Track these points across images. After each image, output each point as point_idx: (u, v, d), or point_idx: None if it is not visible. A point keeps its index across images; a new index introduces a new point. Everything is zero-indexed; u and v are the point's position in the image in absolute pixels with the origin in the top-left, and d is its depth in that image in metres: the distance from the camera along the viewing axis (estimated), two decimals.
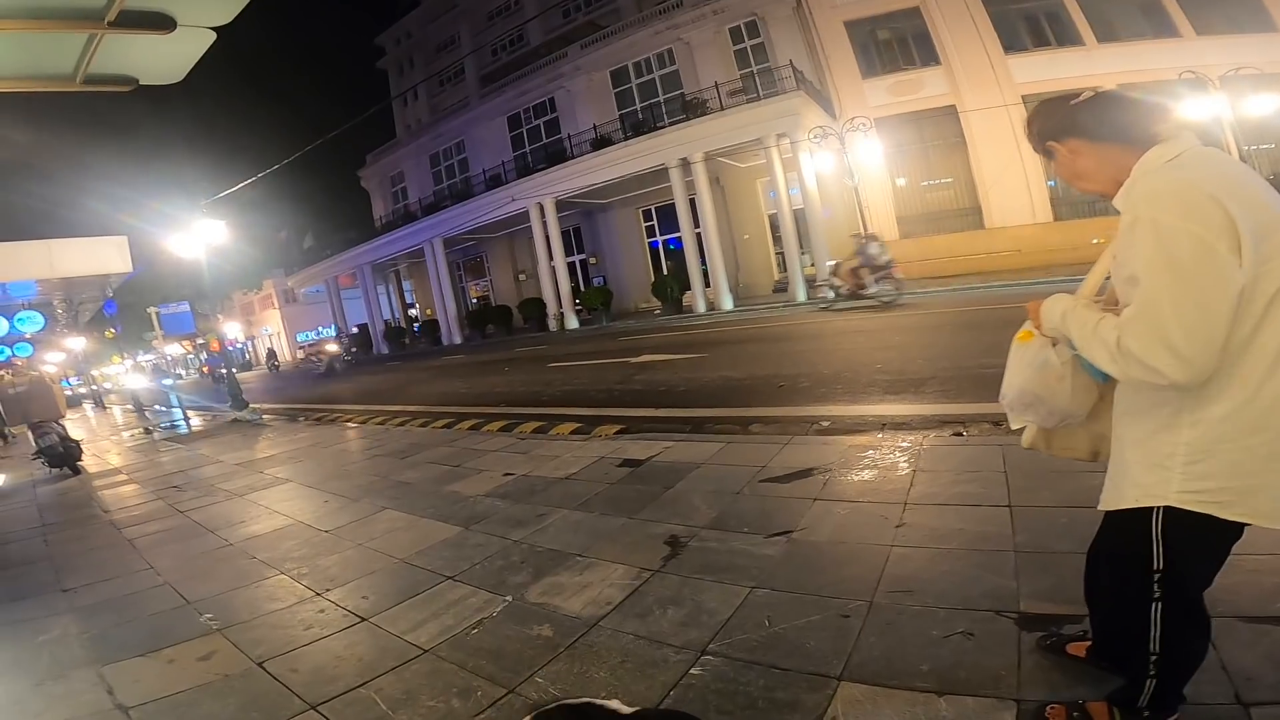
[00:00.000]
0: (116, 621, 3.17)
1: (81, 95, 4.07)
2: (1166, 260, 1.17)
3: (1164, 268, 1.17)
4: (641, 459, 4.65)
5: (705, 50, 22.27)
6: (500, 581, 2.99)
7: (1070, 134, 1.43)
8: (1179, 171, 1.25)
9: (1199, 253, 1.15)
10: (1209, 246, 1.15)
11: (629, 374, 9.44)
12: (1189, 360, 1.16)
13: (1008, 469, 3.29)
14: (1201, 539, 1.33)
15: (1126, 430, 1.43)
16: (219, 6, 3.50)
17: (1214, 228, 1.16)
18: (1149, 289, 1.19)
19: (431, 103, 34.45)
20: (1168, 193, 1.22)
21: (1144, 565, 1.39)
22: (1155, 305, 1.18)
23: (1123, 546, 1.46)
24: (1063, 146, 1.44)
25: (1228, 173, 1.24)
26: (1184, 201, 1.19)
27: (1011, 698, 1.72)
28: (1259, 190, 1.22)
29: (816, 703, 1.83)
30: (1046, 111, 1.48)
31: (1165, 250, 1.17)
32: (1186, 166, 1.26)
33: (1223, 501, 1.27)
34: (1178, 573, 1.37)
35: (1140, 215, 1.23)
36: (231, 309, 45.83)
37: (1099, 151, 1.39)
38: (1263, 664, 1.67)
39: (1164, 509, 1.34)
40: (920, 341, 8.45)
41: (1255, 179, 1.26)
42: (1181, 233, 1.16)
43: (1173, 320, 1.16)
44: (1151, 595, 1.39)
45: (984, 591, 2.23)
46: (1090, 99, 1.40)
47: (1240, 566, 2.07)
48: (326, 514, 4.58)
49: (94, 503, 6.33)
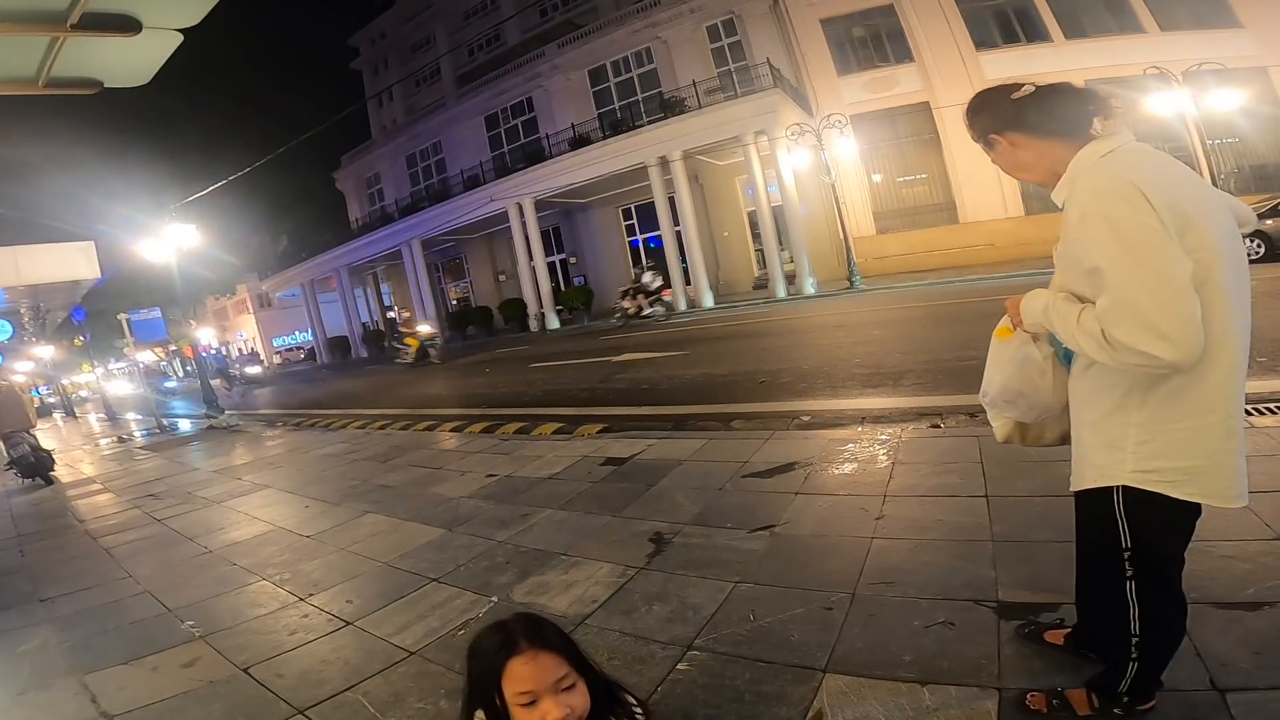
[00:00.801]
0: (97, 630, 3.12)
1: (44, 97, 3.98)
2: (1125, 250, 1.21)
3: (1126, 257, 1.21)
4: (624, 457, 4.66)
5: (683, 49, 22.31)
6: (485, 582, 2.98)
7: (1011, 128, 1.45)
8: (1116, 167, 1.30)
9: (1154, 239, 1.20)
10: (1159, 232, 1.20)
11: (611, 373, 9.44)
12: (1177, 340, 1.19)
13: (984, 459, 3.35)
14: (1162, 517, 1.37)
15: (1082, 413, 1.48)
16: (186, 8, 3.43)
17: (1156, 216, 1.21)
18: (1119, 280, 1.22)
19: (407, 103, 34.15)
20: (1111, 187, 1.26)
21: (1113, 544, 1.44)
22: (1130, 294, 1.21)
23: (1093, 527, 1.51)
24: (1003, 139, 1.47)
25: (1155, 169, 1.29)
26: (1126, 195, 1.24)
27: (993, 686, 1.75)
28: (1184, 185, 1.28)
29: (802, 695, 1.85)
30: (987, 104, 1.49)
31: (1123, 241, 1.22)
32: (1120, 163, 1.31)
33: (1174, 481, 1.32)
34: (1145, 550, 1.41)
35: (1089, 210, 1.27)
36: (205, 314, 45.07)
37: (1038, 145, 1.43)
38: (1237, 649, 1.71)
39: (1122, 489, 1.39)
40: (898, 335, 8.55)
41: (1182, 175, 1.31)
42: (1134, 223, 1.21)
43: (1150, 305, 1.19)
44: (1124, 574, 1.44)
45: (963, 581, 2.27)
46: (1032, 94, 1.41)
47: (1213, 553, 2.14)
48: (307, 519, 4.54)
49: (69, 512, 6.21)
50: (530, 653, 1.13)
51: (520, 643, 1.14)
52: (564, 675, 1.14)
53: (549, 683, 1.12)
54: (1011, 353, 1.56)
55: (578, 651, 1.21)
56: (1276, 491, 2.52)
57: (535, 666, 1.12)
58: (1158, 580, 1.44)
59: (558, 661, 1.15)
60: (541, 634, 1.18)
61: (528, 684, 1.12)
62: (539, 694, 1.11)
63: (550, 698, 1.12)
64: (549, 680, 1.12)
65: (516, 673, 1.12)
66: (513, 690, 1.12)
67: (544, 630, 1.20)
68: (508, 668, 1.13)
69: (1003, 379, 1.58)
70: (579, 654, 1.21)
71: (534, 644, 1.15)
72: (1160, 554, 1.43)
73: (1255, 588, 1.95)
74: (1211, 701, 1.56)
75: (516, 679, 1.12)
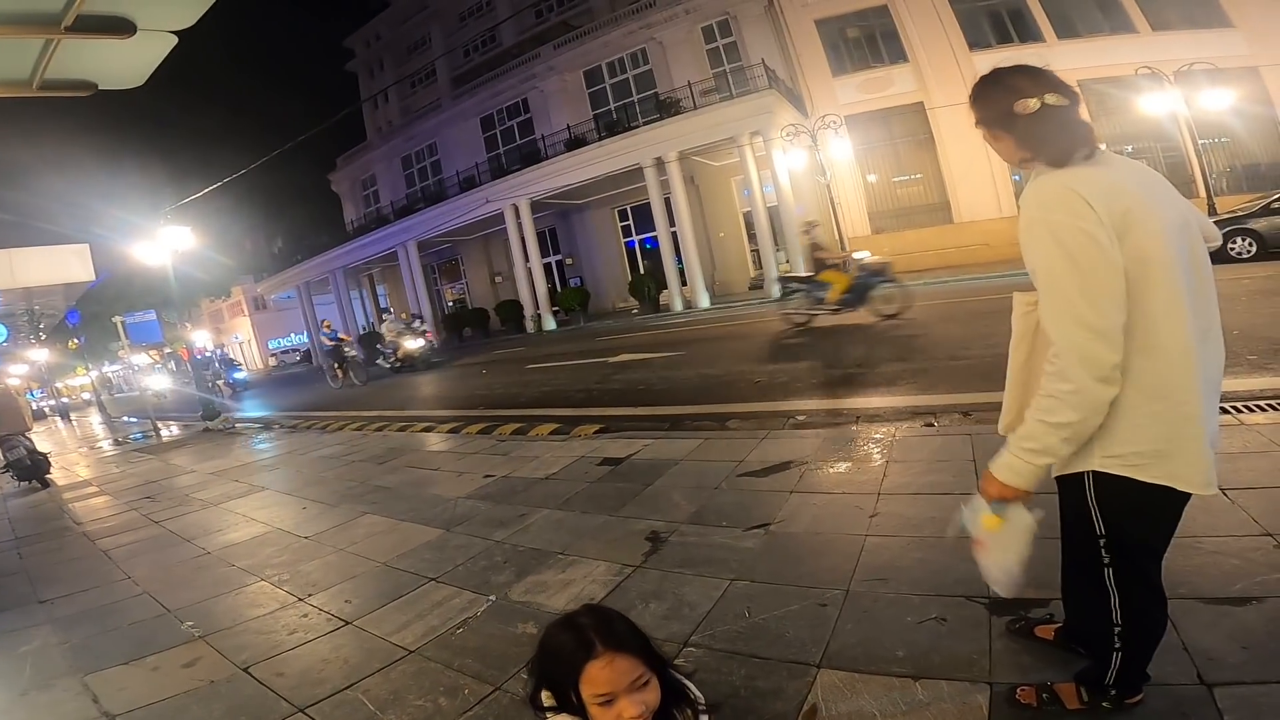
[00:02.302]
0: (97, 631, 3.14)
1: (39, 99, 3.98)
2: (1064, 253, 1.29)
3: (1063, 260, 1.30)
4: (621, 457, 4.68)
5: (678, 49, 22.34)
6: (483, 581, 3.00)
7: (1003, 131, 1.47)
8: (1063, 175, 1.36)
9: (1088, 243, 1.28)
10: (1093, 237, 1.28)
11: (607, 374, 9.46)
12: (1106, 334, 1.27)
13: (977, 458, 3.38)
14: (1133, 502, 1.40)
15: None
16: (180, 10, 3.43)
17: (1093, 221, 1.28)
18: (1054, 282, 1.32)
19: (403, 105, 34.10)
20: (1053, 195, 1.33)
21: (1088, 531, 1.47)
22: (1064, 294, 1.30)
23: (1070, 515, 1.54)
24: (989, 133, 1.50)
25: (1103, 174, 1.34)
26: (1067, 202, 1.31)
27: (984, 680, 1.78)
28: (1134, 190, 1.33)
29: (797, 690, 1.88)
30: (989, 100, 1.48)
31: (1062, 245, 1.30)
32: (1070, 171, 1.36)
33: (1138, 465, 1.36)
34: (1120, 537, 1.45)
35: (1034, 217, 1.36)
36: (200, 317, 44.96)
37: (1019, 149, 1.46)
38: (1224, 644, 1.73)
39: (1092, 474, 1.43)
40: (891, 336, 8.58)
41: (1135, 180, 1.36)
42: (1072, 229, 1.29)
43: (1082, 303, 1.28)
44: (1102, 561, 1.47)
45: (956, 578, 2.30)
46: (1035, 114, 1.40)
47: (1201, 548, 2.17)
48: (305, 520, 4.55)
49: (66, 515, 6.20)
50: (607, 656, 1.14)
51: (596, 645, 1.14)
52: (640, 675, 1.15)
53: (626, 684, 1.13)
54: (1015, 532, 1.50)
55: (649, 646, 1.22)
56: (1266, 488, 2.55)
57: (612, 670, 1.13)
58: (1134, 568, 1.46)
59: (634, 663, 1.15)
60: (615, 633, 1.18)
61: (606, 686, 1.12)
62: (617, 694, 1.12)
63: (626, 697, 1.12)
64: (626, 681, 1.13)
65: (594, 676, 1.13)
66: (591, 692, 1.13)
67: (616, 628, 1.20)
68: (585, 670, 1.13)
69: (1018, 555, 1.52)
70: (650, 649, 1.22)
71: (610, 645, 1.15)
72: (1134, 540, 1.45)
73: (1243, 583, 1.98)
74: (1199, 696, 1.58)
75: (594, 682, 1.13)
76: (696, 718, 1.30)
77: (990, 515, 1.52)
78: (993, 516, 1.52)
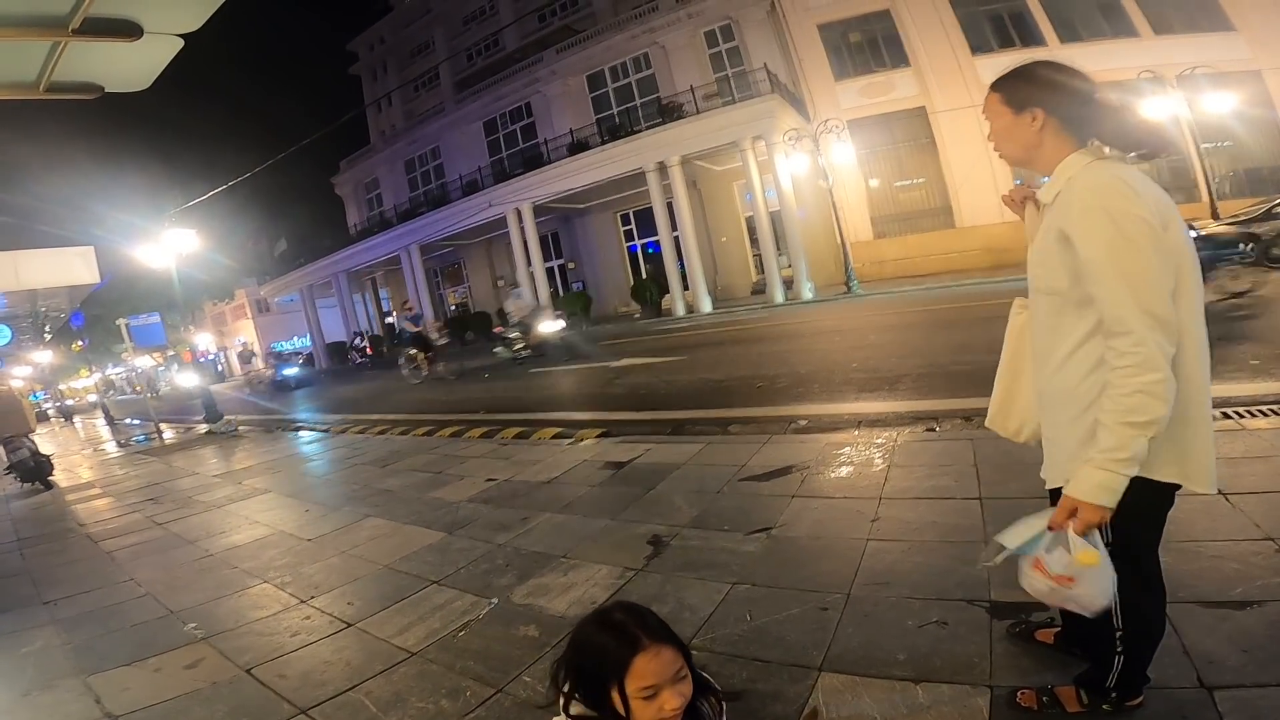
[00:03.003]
0: (100, 632, 3.15)
1: (44, 102, 4.00)
2: (1127, 240, 1.28)
3: (1127, 246, 1.28)
4: (623, 461, 4.69)
5: (681, 54, 22.40)
6: (486, 584, 3.01)
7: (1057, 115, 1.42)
8: (1112, 168, 1.36)
9: (1149, 231, 1.28)
10: (1151, 225, 1.28)
11: (610, 378, 9.47)
12: (1168, 325, 1.26)
13: (978, 462, 3.38)
14: (1143, 503, 1.39)
15: (1060, 411, 1.50)
16: (187, 13, 3.45)
17: (1149, 210, 1.29)
18: (1121, 268, 1.28)
19: (406, 108, 34.21)
20: (1110, 185, 1.32)
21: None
22: (1131, 281, 1.27)
23: None
24: (1038, 117, 1.43)
25: (1140, 175, 1.36)
26: (1124, 191, 1.30)
27: (985, 684, 1.78)
28: (1160, 193, 1.35)
29: (798, 693, 1.88)
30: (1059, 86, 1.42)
31: (1124, 232, 1.28)
32: (1112, 166, 1.37)
33: (1157, 466, 1.36)
34: (1126, 540, 1.44)
35: (1090, 204, 1.33)
36: (203, 320, 45.03)
37: (1057, 137, 1.43)
38: (1224, 647, 1.74)
39: None
40: (895, 340, 8.59)
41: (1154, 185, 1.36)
42: (1133, 217, 1.28)
43: (1148, 292, 1.26)
44: None
45: (956, 582, 2.30)
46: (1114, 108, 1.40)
47: (1202, 553, 2.18)
48: (308, 523, 4.56)
49: (69, 516, 6.22)
50: (654, 648, 1.15)
51: (642, 638, 1.16)
52: (681, 666, 1.17)
53: (671, 674, 1.15)
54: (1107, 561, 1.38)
55: (678, 638, 1.24)
56: (1266, 492, 2.55)
57: (659, 662, 1.15)
58: (1138, 572, 1.46)
59: (675, 653, 1.17)
60: (653, 626, 1.20)
61: (653, 678, 1.14)
62: (661, 686, 1.14)
63: (669, 688, 1.14)
64: (671, 672, 1.15)
65: (642, 669, 1.14)
66: (637, 685, 1.14)
67: (651, 621, 1.22)
68: (634, 664, 1.14)
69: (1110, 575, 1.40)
70: (681, 642, 1.24)
71: (654, 638, 1.17)
72: (1140, 545, 1.46)
73: (1244, 587, 1.98)
74: (1199, 699, 1.58)
75: (642, 674, 1.14)
76: (720, 706, 1.31)
77: (1089, 550, 1.34)
78: (1090, 550, 1.34)
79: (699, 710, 1.25)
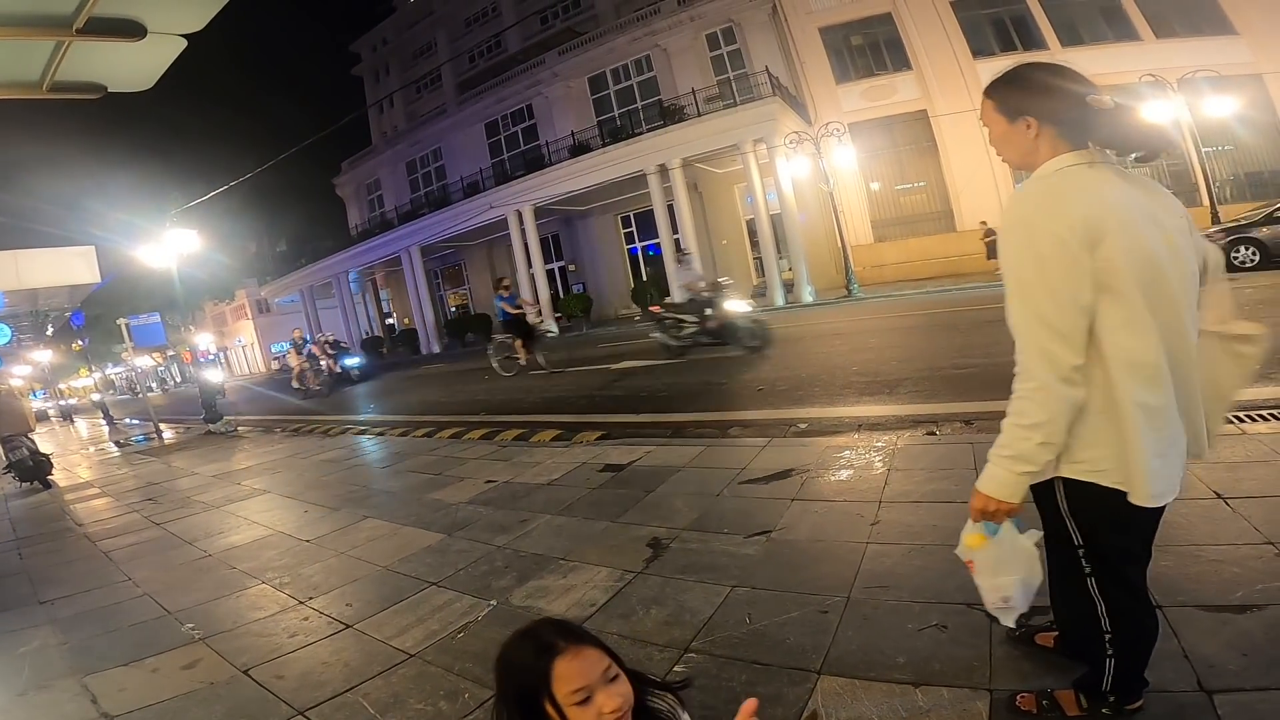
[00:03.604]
0: (97, 632, 3.14)
1: (47, 102, 4.01)
2: (1034, 255, 1.31)
3: (1033, 261, 1.31)
4: (623, 464, 4.68)
5: (683, 57, 22.44)
6: (484, 586, 3.00)
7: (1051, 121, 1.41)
8: (1052, 180, 1.37)
9: (1059, 248, 1.29)
10: (1064, 241, 1.29)
11: (609, 380, 9.47)
12: (1066, 335, 1.29)
13: (978, 466, 3.36)
14: (1103, 509, 1.40)
15: None
16: (190, 13, 3.46)
17: (1066, 226, 1.29)
18: (1022, 282, 1.33)
19: (408, 110, 34.27)
20: (1038, 197, 1.35)
21: (1067, 540, 1.49)
22: (1030, 293, 1.32)
23: (1049, 524, 1.54)
24: (1031, 125, 1.42)
25: (1089, 185, 1.34)
26: (1045, 206, 1.33)
27: (984, 687, 1.78)
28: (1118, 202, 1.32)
29: (797, 696, 1.88)
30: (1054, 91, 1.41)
31: (1033, 247, 1.31)
32: (1060, 177, 1.37)
33: (1101, 470, 1.37)
34: (1096, 545, 1.45)
35: (1012, 219, 1.37)
36: (203, 320, 45.06)
37: (1051, 144, 1.42)
38: (1224, 651, 1.73)
39: (1062, 481, 1.44)
40: (895, 343, 8.59)
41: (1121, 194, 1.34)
42: (1045, 232, 1.30)
43: (1047, 303, 1.30)
44: (1083, 570, 1.48)
45: (956, 585, 2.29)
46: (1108, 110, 1.37)
47: (1202, 557, 2.17)
48: (307, 524, 4.55)
49: (67, 516, 6.22)
50: (572, 650, 1.13)
51: (558, 643, 1.14)
52: (609, 665, 1.14)
53: (598, 674, 1.12)
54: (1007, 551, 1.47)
55: (605, 644, 1.20)
56: (1267, 496, 2.55)
57: (582, 661, 1.12)
58: (1115, 575, 1.47)
59: (599, 653, 1.14)
60: (572, 631, 1.18)
61: (579, 679, 1.11)
62: (593, 687, 1.11)
63: (603, 689, 1.11)
64: (598, 672, 1.12)
65: (564, 672, 1.11)
66: (566, 690, 1.11)
67: (571, 627, 1.20)
68: (554, 669, 1.12)
69: (1023, 575, 1.50)
70: (607, 646, 1.20)
71: (571, 641, 1.14)
72: (1112, 549, 1.46)
73: (1244, 590, 1.98)
74: (1199, 702, 1.58)
75: (566, 678, 1.11)
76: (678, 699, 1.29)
77: (974, 533, 1.45)
78: (976, 534, 1.45)
79: (651, 710, 1.24)
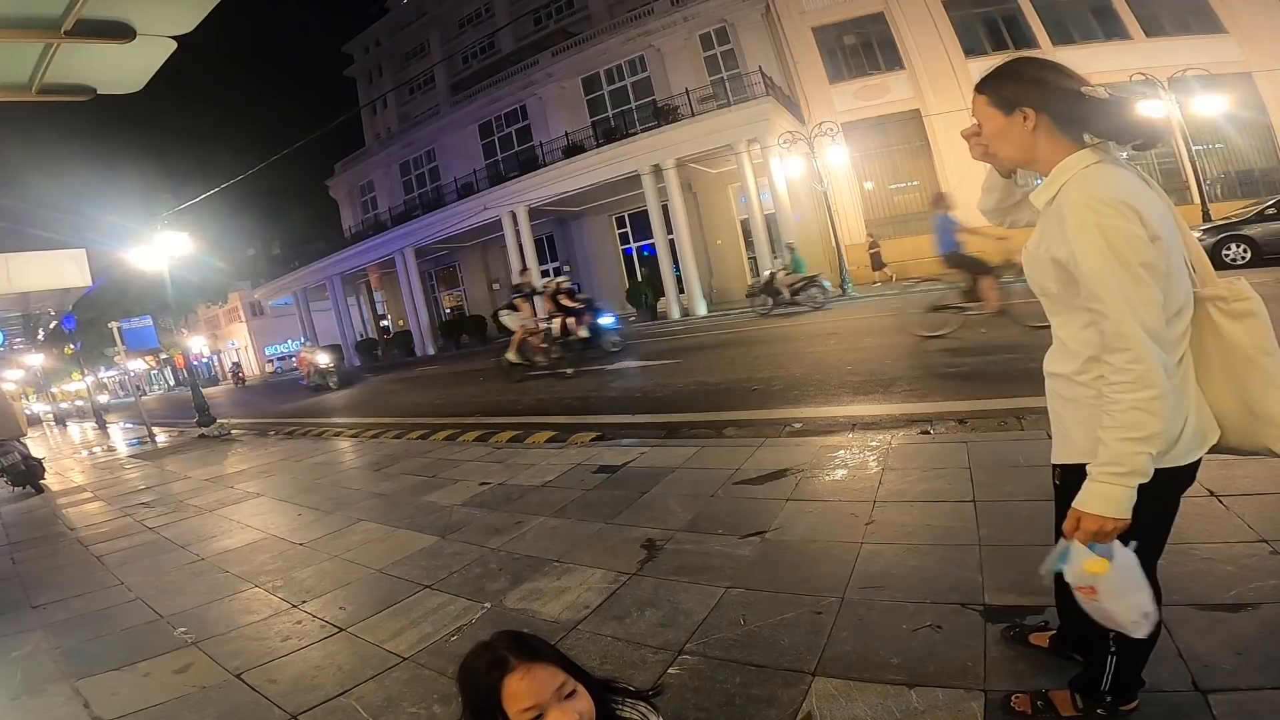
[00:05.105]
0: (89, 636, 3.12)
1: (36, 103, 3.98)
2: (1121, 260, 1.26)
3: (1120, 265, 1.26)
4: (617, 465, 4.68)
5: (676, 57, 22.44)
6: (478, 589, 2.99)
7: (1048, 112, 1.39)
8: (1108, 179, 1.33)
9: (1142, 247, 1.26)
10: (1144, 241, 1.26)
11: (604, 381, 9.46)
12: (1165, 340, 1.27)
13: (972, 465, 3.38)
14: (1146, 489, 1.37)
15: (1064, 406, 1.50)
16: (180, 15, 3.44)
17: (1139, 223, 1.26)
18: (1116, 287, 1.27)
19: (401, 111, 34.19)
20: (1106, 200, 1.29)
21: None
22: (1127, 299, 1.26)
23: (1062, 515, 1.50)
24: (1029, 117, 1.40)
25: (1137, 185, 1.34)
26: (1118, 209, 1.28)
27: (979, 688, 1.78)
28: (1153, 199, 1.33)
29: (792, 697, 1.87)
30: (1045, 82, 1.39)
31: (1116, 251, 1.26)
32: (1108, 175, 1.34)
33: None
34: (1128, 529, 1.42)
35: (1085, 221, 1.30)
36: (196, 323, 44.86)
37: (1051, 138, 1.41)
38: (1219, 650, 1.73)
39: None
40: (888, 343, 8.59)
41: (1147, 190, 1.35)
42: (1125, 233, 1.26)
43: (1144, 309, 1.25)
44: None
45: (951, 585, 2.30)
46: (1103, 102, 1.36)
47: (1195, 555, 2.18)
48: (300, 527, 4.53)
49: (60, 521, 6.18)
50: (523, 667, 1.11)
51: (510, 659, 1.12)
52: (563, 683, 1.12)
53: (550, 693, 1.10)
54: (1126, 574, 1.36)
55: (566, 658, 1.20)
56: (1260, 494, 2.56)
57: (531, 680, 1.10)
58: None
59: (552, 671, 1.13)
60: (528, 646, 1.16)
61: (529, 698, 1.09)
62: (544, 705, 1.09)
63: (556, 708, 1.10)
64: (549, 691, 1.10)
65: (515, 690, 1.10)
66: (516, 708, 1.10)
67: (529, 642, 1.18)
68: (504, 686, 1.10)
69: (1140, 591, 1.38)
70: (569, 660, 1.19)
71: (524, 657, 1.13)
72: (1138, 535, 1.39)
73: (1238, 589, 1.98)
74: (1194, 702, 1.58)
75: (517, 695, 1.10)
76: (653, 707, 1.28)
77: (1094, 559, 1.35)
78: (1097, 560, 1.35)
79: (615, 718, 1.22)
